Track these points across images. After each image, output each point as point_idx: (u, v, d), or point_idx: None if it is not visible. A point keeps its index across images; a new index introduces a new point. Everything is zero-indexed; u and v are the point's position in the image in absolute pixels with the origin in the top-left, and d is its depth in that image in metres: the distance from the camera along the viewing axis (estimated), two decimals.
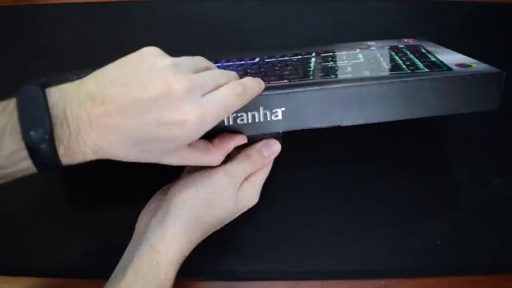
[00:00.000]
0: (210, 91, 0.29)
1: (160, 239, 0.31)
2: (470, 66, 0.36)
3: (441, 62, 0.38)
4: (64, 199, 0.42)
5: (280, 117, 0.34)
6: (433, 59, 0.39)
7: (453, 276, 0.37)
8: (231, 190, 0.34)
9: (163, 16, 0.58)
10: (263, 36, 0.55)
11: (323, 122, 0.35)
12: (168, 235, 0.31)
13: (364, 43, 0.46)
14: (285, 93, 0.33)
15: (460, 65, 0.36)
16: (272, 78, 0.36)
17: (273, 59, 0.42)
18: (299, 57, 0.43)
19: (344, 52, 0.43)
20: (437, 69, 0.36)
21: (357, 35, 0.55)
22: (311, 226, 0.39)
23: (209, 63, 0.33)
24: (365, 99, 0.34)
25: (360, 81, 0.35)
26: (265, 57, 0.43)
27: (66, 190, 0.42)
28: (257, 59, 0.43)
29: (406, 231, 0.39)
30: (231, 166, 0.34)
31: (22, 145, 0.25)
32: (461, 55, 0.39)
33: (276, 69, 0.40)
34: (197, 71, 0.30)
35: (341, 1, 0.59)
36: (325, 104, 0.34)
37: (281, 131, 0.36)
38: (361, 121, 0.35)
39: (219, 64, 0.42)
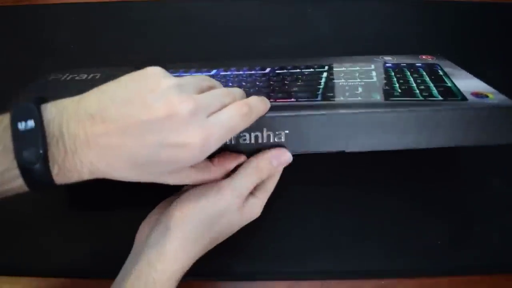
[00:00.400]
0: (215, 112, 0.28)
1: (158, 256, 0.30)
2: (487, 96, 0.34)
3: (457, 89, 0.36)
4: (65, 199, 0.42)
5: (283, 139, 0.33)
6: (449, 84, 0.37)
7: (453, 276, 0.37)
8: (236, 206, 0.33)
9: (163, 16, 0.58)
10: (263, 36, 0.55)
11: (328, 147, 0.34)
12: (167, 252, 0.30)
13: (380, 57, 0.44)
14: (290, 115, 0.32)
15: (476, 94, 0.35)
16: (280, 95, 0.36)
17: (284, 71, 0.41)
18: (311, 70, 0.41)
19: (357, 68, 0.41)
20: (451, 98, 0.34)
21: (357, 35, 0.55)
22: (311, 226, 0.39)
23: (213, 82, 0.32)
24: (372, 127, 0.33)
25: (369, 107, 0.33)
26: (276, 68, 0.42)
27: (67, 190, 0.42)
28: (268, 69, 0.42)
29: (406, 231, 0.39)
30: (238, 181, 0.33)
31: (14, 163, 0.24)
32: (478, 80, 0.38)
33: (286, 83, 0.39)
34: (201, 90, 0.29)
35: (341, 1, 0.59)
36: (330, 129, 0.33)
37: None
38: (367, 148, 0.34)
39: (228, 73, 0.41)
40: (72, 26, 0.57)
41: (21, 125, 0.24)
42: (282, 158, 0.34)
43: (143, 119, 0.26)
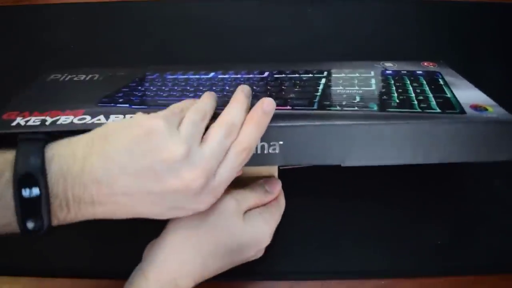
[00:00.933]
0: (220, 163, 0.28)
1: (150, 264, 0.30)
2: (486, 109, 0.34)
3: (456, 100, 0.35)
4: None
5: (277, 150, 0.33)
6: (448, 95, 0.36)
7: (453, 276, 0.37)
8: (234, 211, 0.32)
9: (163, 16, 0.58)
10: (263, 36, 0.55)
11: (323, 160, 0.33)
12: (158, 259, 0.30)
13: (381, 63, 0.43)
14: (285, 126, 0.32)
15: (476, 107, 0.34)
16: (276, 101, 0.34)
17: (283, 75, 0.41)
18: (310, 75, 0.41)
19: (356, 75, 0.41)
20: (449, 111, 0.34)
21: (356, 35, 0.55)
22: (311, 226, 0.39)
23: (211, 109, 0.31)
24: (367, 139, 0.33)
25: (365, 118, 0.33)
26: (275, 72, 0.42)
27: None
28: (266, 73, 0.41)
29: (406, 231, 0.39)
30: (233, 189, 0.33)
31: (14, 218, 0.24)
32: (479, 92, 0.37)
33: (283, 88, 0.38)
34: (202, 132, 0.29)
35: (341, 1, 0.59)
36: (326, 141, 0.33)
37: (278, 165, 0.35)
38: (363, 162, 0.33)
39: (226, 76, 0.41)
40: (72, 26, 0.57)
41: (26, 192, 0.24)
42: (273, 185, 0.35)
43: (155, 191, 0.26)
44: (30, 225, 0.24)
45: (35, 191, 0.24)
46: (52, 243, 0.39)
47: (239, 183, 0.35)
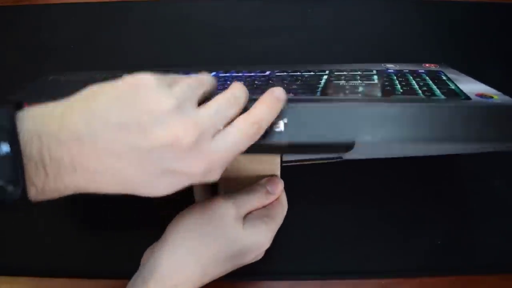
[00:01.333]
0: (220, 130, 0.25)
1: (151, 272, 0.29)
2: (492, 97, 0.33)
3: (460, 90, 0.35)
4: (64, 199, 0.42)
5: (282, 128, 0.31)
6: (452, 86, 0.36)
7: (453, 276, 0.37)
8: (234, 218, 0.31)
9: (163, 16, 0.58)
10: (263, 36, 0.55)
11: (331, 138, 0.32)
12: (158, 267, 0.29)
13: (382, 64, 0.43)
14: (287, 107, 0.31)
15: (481, 95, 0.34)
16: None
17: (284, 73, 0.41)
18: (312, 73, 0.41)
19: (359, 72, 0.40)
20: (454, 97, 0.33)
21: (357, 35, 0.55)
22: (311, 226, 0.39)
23: (208, 84, 0.28)
24: (373, 120, 0.31)
25: (367, 101, 0.32)
26: (277, 71, 0.42)
27: None
28: (267, 72, 0.41)
29: (406, 231, 0.39)
30: (235, 195, 0.32)
31: None
32: (483, 85, 0.37)
33: (285, 82, 0.38)
34: (200, 98, 0.26)
35: (341, 1, 0.59)
36: (331, 119, 0.31)
37: (285, 142, 0.34)
38: (376, 138, 0.31)
39: (228, 75, 0.41)
40: (72, 26, 0.57)
41: None
42: (276, 185, 0.34)
43: (141, 146, 0.23)
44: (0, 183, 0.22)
45: (5, 148, 0.21)
46: (52, 243, 0.39)
47: (240, 183, 0.35)
